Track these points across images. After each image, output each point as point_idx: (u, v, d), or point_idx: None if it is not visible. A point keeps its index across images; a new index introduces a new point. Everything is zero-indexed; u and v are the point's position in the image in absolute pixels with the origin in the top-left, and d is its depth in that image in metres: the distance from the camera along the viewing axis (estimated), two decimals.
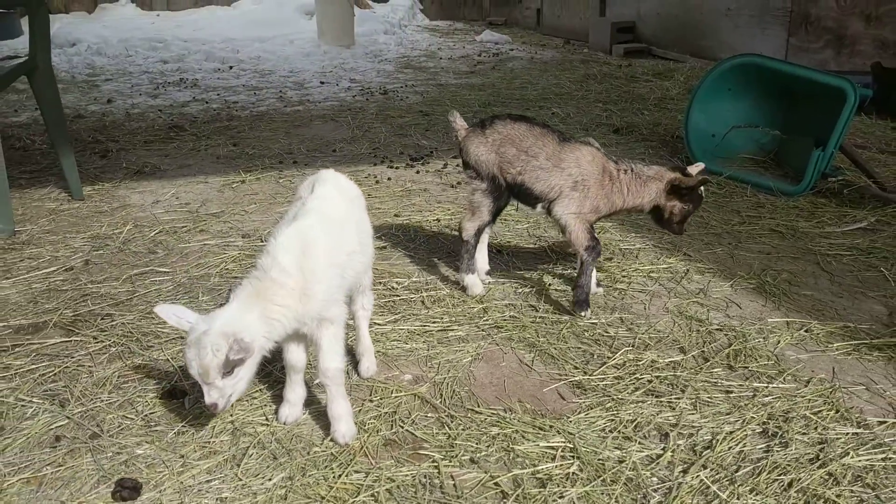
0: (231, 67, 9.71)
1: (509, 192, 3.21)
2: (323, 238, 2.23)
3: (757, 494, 2.05)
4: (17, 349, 2.81)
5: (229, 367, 2.04)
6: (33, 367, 2.69)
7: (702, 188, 3.10)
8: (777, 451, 2.22)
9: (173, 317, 2.14)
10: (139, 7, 14.81)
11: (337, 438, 2.26)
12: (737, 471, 2.15)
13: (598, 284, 3.31)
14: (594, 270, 3.17)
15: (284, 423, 2.36)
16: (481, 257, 3.45)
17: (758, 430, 2.33)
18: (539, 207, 3.18)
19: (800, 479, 2.10)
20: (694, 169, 3.14)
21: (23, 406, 2.45)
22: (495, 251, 3.73)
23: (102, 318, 3.06)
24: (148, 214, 4.29)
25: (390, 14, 14.40)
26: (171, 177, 5.05)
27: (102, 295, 3.27)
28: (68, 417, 2.40)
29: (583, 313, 3.06)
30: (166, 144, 5.91)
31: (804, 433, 2.31)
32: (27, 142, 5.89)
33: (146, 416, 2.41)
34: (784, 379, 2.61)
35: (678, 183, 3.07)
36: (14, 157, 5.37)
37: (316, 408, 2.44)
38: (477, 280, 3.30)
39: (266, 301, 2.10)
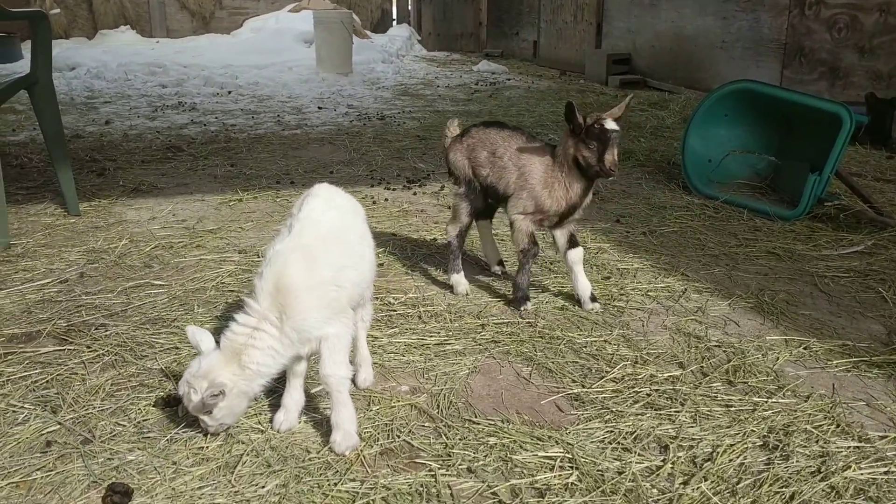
0: (230, 92, 9.76)
1: (484, 194, 3.39)
2: (298, 263, 2.19)
3: None
4: (9, 357, 2.77)
5: (207, 408, 2.16)
6: (25, 374, 2.66)
7: (601, 122, 3.00)
8: (778, 463, 2.20)
9: (195, 340, 2.25)
10: (139, 34, 14.96)
11: (333, 447, 2.23)
12: (738, 483, 2.12)
13: (594, 300, 3.29)
14: (580, 280, 3.27)
15: (278, 431, 2.32)
16: (490, 250, 3.67)
17: (758, 443, 2.31)
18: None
19: (801, 491, 2.07)
20: (615, 110, 3.14)
21: (14, 412, 2.42)
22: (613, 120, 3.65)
23: (96, 329, 3.03)
24: (144, 230, 4.28)
25: (388, 44, 14.55)
26: (168, 195, 5.04)
27: (97, 306, 3.24)
28: (60, 423, 2.36)
29: (522, 308, 3.22)
30: (163, 164, 5.92)
31: (805, 446, 2.28)
32: (24, 160, 5.89)
33: (139, 423, 2.38)
34: (784, 394, 2.59)
35: (572, 129, 3.09)
36: (11, 175, 5.36)
37: (312, 416, 2.41)
38: (462, 279, 3.46)
39: (248, 349, 2.17)
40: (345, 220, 2.42)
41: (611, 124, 3.00)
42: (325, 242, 2.27)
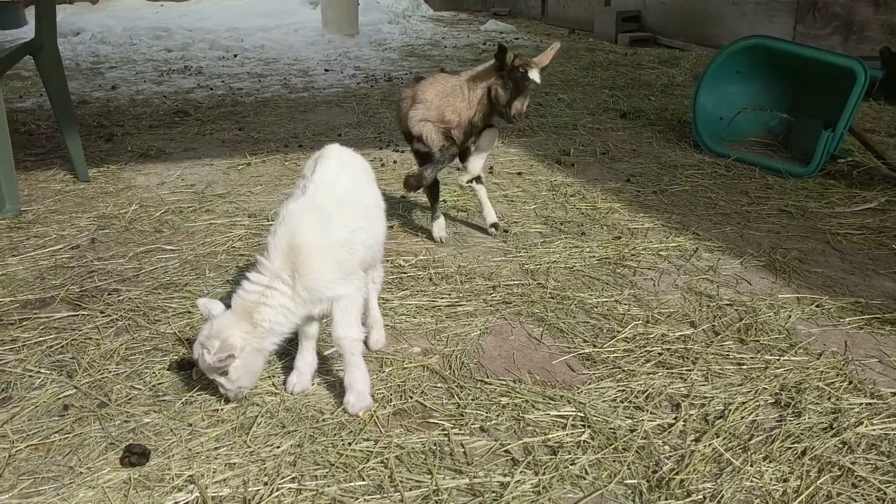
0: (235, 56, 9.69)
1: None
2: (312, 223, 2.18)
3: (771, 462, 2.02)
4: (24, 322, 2.80)
5: (222, 368, 2.15)
6: (40, 339, 2.68)
7: (525, 69, 3.17)
8: (790, 420, 2.20)
9: (206, 310, 2.26)
10: None
11: (346, 408, 2.25)
12: (750, 439, 2.13)
13: (496, 226, 3.61)
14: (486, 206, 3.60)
15: (291, 393, 2.34)
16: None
17: (770, 401, 2.31)
18: None
19: (814, 447, 2.08)
20: (541, 57, 3.33)
21: (30, 376, 2.44)
22: (502, 230, 3.71)
23: (109, 294, 3.05)
24: (153, 195, 4.28)
25: (394, 4, 14.38)
26: (177, 160, 5.03)
27: (109, 271, 3.26)
28: (76, 387, 2.38)
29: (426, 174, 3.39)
30: (171, 129, 5.90)
31: (817, 403, 2.28)
32: (32, 126, 5.88)
33: (154, 386, 2.40)
34: (796, 352, 2.59)
35: (498, 65, 3.23)
36: (19, 141, 5.36)
37: (326, 378, 2.43)
38: (439, 223, 3.61)
39: (260, 307, 2.18)
40: (357, 181, 2.42)
41: (534, 74, 3.18)
42: (339, 204, 2.26)
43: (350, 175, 2.39)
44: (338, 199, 2.28)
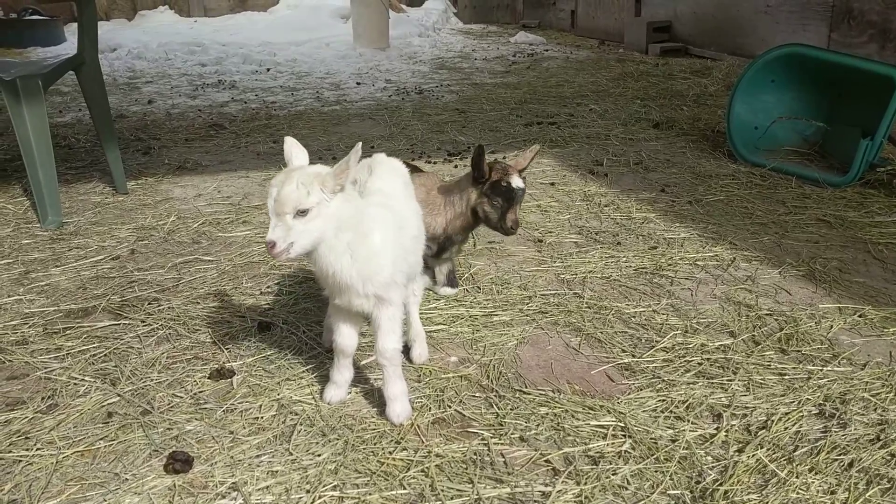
0: (268, 70, 9.80)
1: None
2: (388, 219, 2.20)
3: (817, 473, 1.99)
4: (68, 332, 2.85)
5: (305, 208, 1.96)
6: (84, 348, 2.72)
7: (507, 180, 2.81)
8: (836, 431, 2.17)
9: (289, 150, 2.15)
10: (177, 13, 15.08)
11: (391, 418, 2.25)
12: (794, 450, 2.10)
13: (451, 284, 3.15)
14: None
15: (329, 403, 2.35)
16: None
17: (814, 412, 2.28)
18: None
19: (861, 458, 2.04)
20: (520, 160, 2.94)
21: (75, 384, 2.48)
22: (537, 241, 3.71)
23: (150, 303, 3.09)
24: (191, 207, 4.33)
25: (424, 17, 14.45)
26: (213, 172, 5.10)
27: (149, 282, 3.31)
28: (119, 395, 2.42)
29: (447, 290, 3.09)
30: (207, 142, 5.98)
31: (863, 414, 2.25)
32: (72, 140, 5.99)
33: (195, 394, 2.43)
34: (839, 362, 2.55)
35: (473, 180, 2.87)
36: (60, 154, 5.45)
37: (363, 387, 2.44)
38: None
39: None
40: (409, 191, 2.48)
41: (517, 182, 2.81)
42: (401, 210, 2.30)
43: (403, 184, 2.44)
44: (400, 205, 2.31)
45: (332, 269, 2.09)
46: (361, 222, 2.09)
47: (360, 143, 2.08)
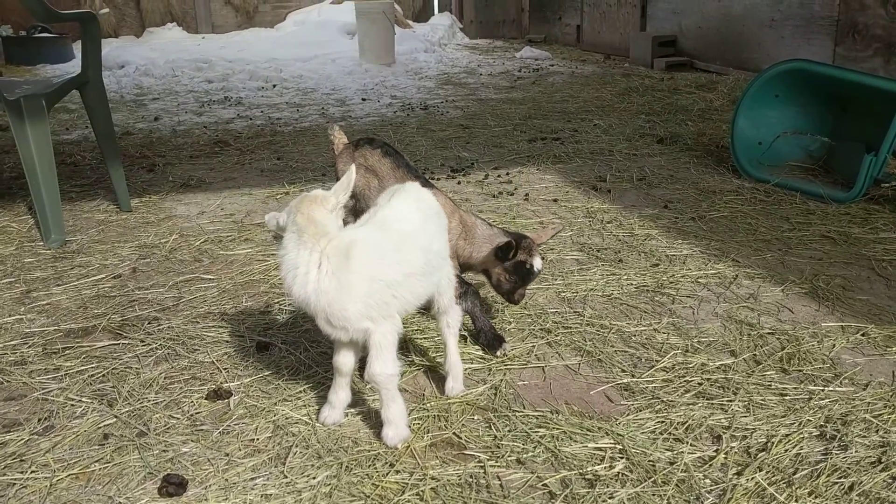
0: (274, 86, 9.84)
1: None
2: (368, 250, 2.16)
3: (816, 497, 1.97)
4: (67, 351, 2.85)
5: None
6: (82, 368, 2.72)
7: (531, 263, 2.76)
8: (836, 453, 2.14)
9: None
10: (185, 30, 15.18)
11: (385, 441, 2.23)
12: (794, 473, 2.07)
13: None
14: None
15: (323, 424, 2.34)
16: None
17: (815, 433, 2.25)
18: None
19: (861, 482, 2.01)
20: (542, 235, 2.90)
21: (72, 405, 2.48)
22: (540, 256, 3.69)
23: (149, 323, 3.09)
24: (193, 225, 4.34)
25: (430, 33, 14.50)
26: (216, 189, 5.11)
27: (149, 301, 3.31)
28: (116, 416, 2.41)
29: (499, 352, 2.78)
30: (211, 159, 6.00)
31: (864, 436, 2.22)
32: (77, 158, 6.03)
33: (192, 415, 2.42)
34: (841, 382, 2.52)
35: (501, 255, 2.76)
36: (65, 172, 5.49)
37: (360, 409, 2.43)
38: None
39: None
40: (428, 225, 2.35)
41: (538, 264, 2.78)
42: (403, 242, 2.23)
43: (422, 216, 2.33)
44: (403, 237, 2.24)
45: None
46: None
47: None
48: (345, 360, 2.30)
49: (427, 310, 2.51)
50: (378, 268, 2.16)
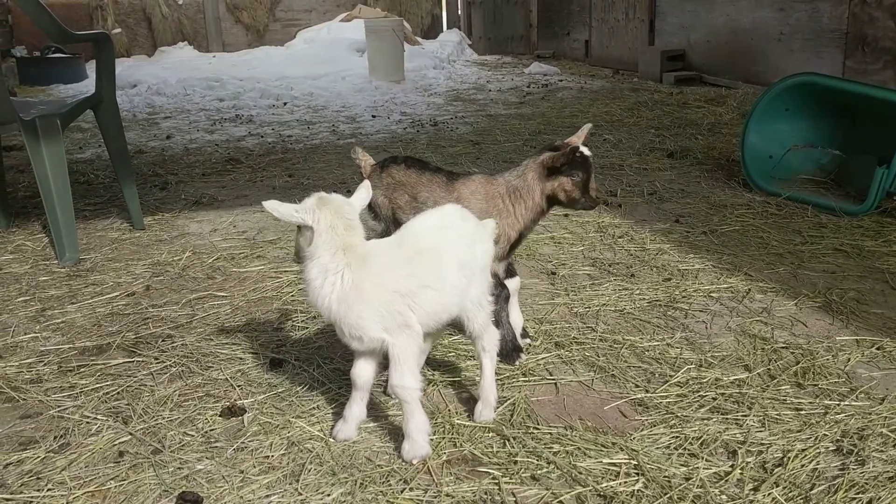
0: (285, 104, 9.92)
1: None
2: (382, 262, 2.22)
3: None
4: (82, 369, 2.86)
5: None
6: (97, 386, 2.74)
7: (580, 151, 2.70)
8: (854, 469, 2.13)
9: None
10: (196, 49, 15.34)
11: (402, 455, 2.24)
12: (811, 489, 2.06)
13: (525, 335, 2.99)
14: (513, 316, 2.88)
15: (334, 439, 2.33)
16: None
17: (832, 448, 2.24)
18: None
19: (880, 497, 2.00)
20: (575, 138, 2.81)
21: (87, 423, 2.49)
22: (550, 273, 3.71)
23: (163, 340, 3.11)
24: (206, 242, 4.37)
25: (439, 50, 14.59)
26: (229, 207, 5.14)
27: (163, 318, 3.33)
28: (131, 434, 2.42)
29: (517, 362, 2.81)
30: (223, 177, 6.04)
31: (882, 451, 2.21)
32: (91, 176, 6.08)
33: (206, 432, 2.43)
34: (857, 396, 2.51)
35: (550, 163, 2.73)
36: (79, 191, 5.54)
37: (374, 425, 2.43)
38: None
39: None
40: (457, 242, 2.30)
41: (585, 150, 2.72)
42: (419, 254, 2.24)
43: (449, 232, 2.30)
44: (420, 250, 2.25)
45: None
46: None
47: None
48: (360, 373, 2.31)
49: (463, 331, 2.50)
50: (391, 278, 2.20)
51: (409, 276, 2.22)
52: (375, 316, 2.18)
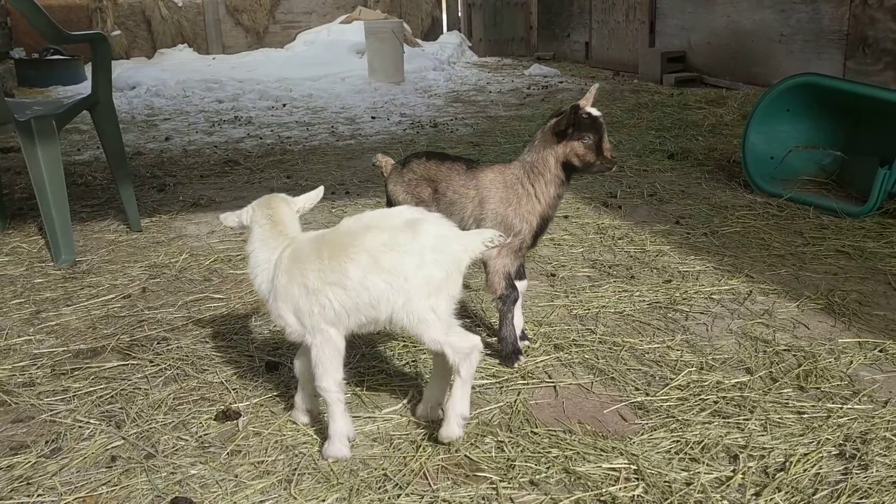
0: (284, 105, 9.89)
1: None
2: (295, 255, 2.23)
3: None
4: (75, 372, 2.83)
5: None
6: (91, 389, 2.70)
7: (586, 111, 2.65)
8: (857, 473, 2.09)
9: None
10: (196, 51, 15.33)
11: (322, 452, 2.26)
12: (814, 494, 2.02)
13: (524, 338, 2.95)
14: (515, 318, 2.82)
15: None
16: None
17: (834, 452, 2.20)
18: None
19: (884, 502, 1.97)
20: (583, 101, 2.71)
21: (80, 427, 2.46)
22: (549, 275, 3.67)
23: (158, 343, 3.07)
24: (203, 244, 4.34)
25: (439, 51, 14.58)
26: (227, 208, 5.09)
27: (159, 321, 3.29)
28: (124, 438, 2.39)
29: (515, 365, 2.77)
30: (221, 178, 6.01)
31: (885, 455, 2.17)
32: (89, 178, 6.05)
33: (200, 437, 2.40)
34: (860, 400, 2.47)
35: (556, 128, 2.67)
36: (76, 193, 5.52)
37: (368, 429, 2.39)
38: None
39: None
40: (398, 248, 2.12)
41: (594, 110, 2.65)
42: (337, 251, 2.15)
43: (373, 233, 2.15)
44: (337, 247, 2.15)
45: None
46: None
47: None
48: (298, 366, 2.37)
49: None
50: (299, 272, 2.20)
51: (317, 272, 2.17)
52: (291, 309, 2.23)
